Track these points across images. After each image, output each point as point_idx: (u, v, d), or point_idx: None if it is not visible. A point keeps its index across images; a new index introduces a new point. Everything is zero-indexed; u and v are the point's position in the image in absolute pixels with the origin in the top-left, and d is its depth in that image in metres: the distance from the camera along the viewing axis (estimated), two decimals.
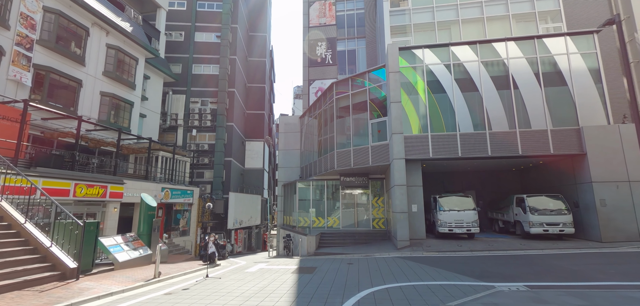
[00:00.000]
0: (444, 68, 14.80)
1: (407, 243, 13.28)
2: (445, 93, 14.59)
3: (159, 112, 23.56)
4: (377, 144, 16.22)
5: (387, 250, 13.61)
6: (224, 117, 26.88)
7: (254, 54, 35.53)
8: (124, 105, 19.00)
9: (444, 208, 14.42)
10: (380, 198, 19.95)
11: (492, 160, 16.03)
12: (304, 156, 23.63)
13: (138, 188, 16.88)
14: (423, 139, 14.36)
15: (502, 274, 8.00)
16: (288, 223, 22.70)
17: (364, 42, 27.19)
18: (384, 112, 16.31)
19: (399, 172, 13.79)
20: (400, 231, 13.30)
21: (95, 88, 17.33)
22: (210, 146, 26.56)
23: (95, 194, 14.23)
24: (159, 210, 19.43)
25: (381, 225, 19.52)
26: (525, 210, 13.73)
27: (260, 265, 10.90)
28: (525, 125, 13.83)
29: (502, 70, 14.41)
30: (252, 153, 33.13)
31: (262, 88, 34.97)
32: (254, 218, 29.96)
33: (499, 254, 11.52)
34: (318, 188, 20.94)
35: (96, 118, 17.16)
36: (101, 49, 17.84)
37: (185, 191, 20.78)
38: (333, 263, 11.10)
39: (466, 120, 14.23)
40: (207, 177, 26.43)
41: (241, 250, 27.13)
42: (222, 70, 27.60)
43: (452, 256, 11.40)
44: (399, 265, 9.98)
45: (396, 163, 13.88)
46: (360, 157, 16.75)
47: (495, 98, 14.18)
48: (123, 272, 8.94)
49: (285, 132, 24.92)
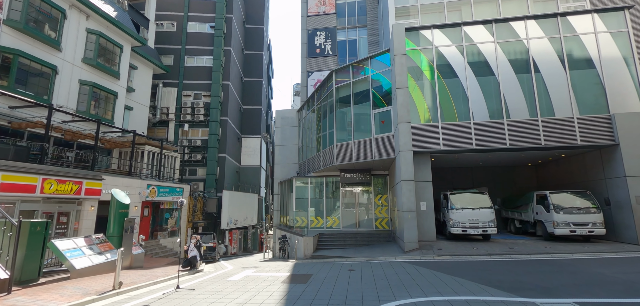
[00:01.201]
0: (455, 50, 13.29)
1: (416, 245, 11.78)
2: (457, 78, 13.08)
3: (147, 105, 22.12)
4: (381, 136, 14.72)
5: (392, 253, 12.11)
6: (217, 111, 25.43)
7: (251, 47, 34.07)
8: (107, 95, 17.56)
9: (456, 206, 12.90)
10: (384, 196, 18.48)
11: (506, 155, 14.51)
12: (302, 151, 22.16)
13: (119, 185, 15.43)
14: (432, 129, 12.86)
15: (540, 286, 6.49)
16: (285, 223, 21.23)
17: (365, 31, 25.70)
18: (388, 102, 14.82)
19: (405, 166, 12.29)
20: (407, 232, 11.81)
21: (74, 76, 15.89)
22: (203, 142, 25.12)
23: (68, 191, 12.78)
24: (144, 208, 18.03)
25: (384, 225, 18.06)
26: (548, 209, 12.20)
27: (246, 272, 9.42)
28: (548, 112, 12.31)
29: (521, 52, 12.89)
30: (249, 150, 31.66)
31: (259, 82, 33.50)
32: (250, 217, 28.50)
33: (523, 259, 10.01)
34: (317, 185, 19.46)
35: (74, 109, 15.73)
36: (80, 34, 16.40)
37: (173, 188, 19.33)
38: (332, 269, 9.62)
39: (481, 108, 12.72)
40: (200, 174, 24.99)
41: (236, 251, 25.67)
42: (216, 61, 26.14)
43: (469, 262, 9.90)
44: (409, 272, 8.49)
45: (403, 155, 12.39)
46: (362, 150, 15.25)
47: (513, 84, 12.67)
48: (78, 282, 7.50)
49: (283, 126, 23.44)
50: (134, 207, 16.38)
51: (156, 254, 16.78)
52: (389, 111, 14.74)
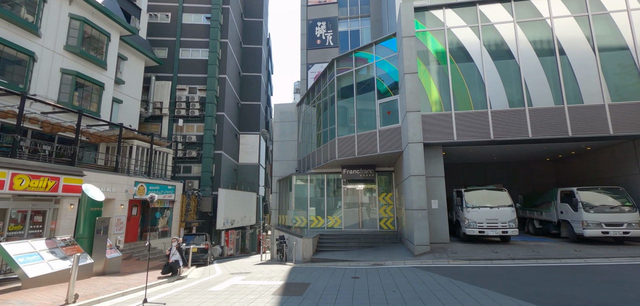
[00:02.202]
0: (470, 32, 12.00)
1: (427, 248, 10.50)
2: (473, 62, 11.79)
3: (139, 99, 20.95)
4: (387, 128, 13.46)
5: (401, 257, 10.83)
6: (213, 105, 24.22)
7: (249, 41, 32.86)
8: (92, 86, 16.39)
9: (472, 204, 11.60)
10: (388, 195, 17.21)
11: (523, 150, 13.20)
12: (301, 147, 20.92)
13: (104, 182, 14.27)
14: (445, 119, 11.57)
15: (593, 302, 5.21)
16: (283, 223, 19.99)
17: (368, 21, 24.42)
18: (394, 91, 13.55)
19: (415, 159, 11.01)
20: (418, 234, 10.53)
21: (54, 64, 14.72)
22: (198, 138, 23.92)
23: (43, 187, 11.60)
24: (132, 207, 16.86)
25: (389, 225, 16.80)
26: (575, 207, 10.88)
27: (234, 280, 8.18)
28: (575, 99, 10.99)
29: (545, 33, 11.58)
30: (247, 148, 30.45)
31: (257, 77, 32.29)
32: (248, 217, 27.29)
33: (553, 265, 8.71)
34: (317, 183, 18.21)
35: (55, 99, 14.57)
36: (62, 20, 15.23)
37: (165, 186, 18.15)
38: (333, 276, 8.37)
39: (499, 94, 11.42)
40: (195, 171, 23.80)
41: (233, 252, 24.47)
42: (212, 54, 24.93)
43: (490, 268, 8.61)
44: (424, 280, 7.23)
45: (412, 148, 11.11)
46: (366, 144, 13.99)
47: (536, 68, 11.36)
48: (27, 294, 6.31)
49: (281, 121, 22.23)
50: (120, 205, 15.22)
51: (144, 256, 15.60)
52: (395, 100, 13.47)
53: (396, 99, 13.42)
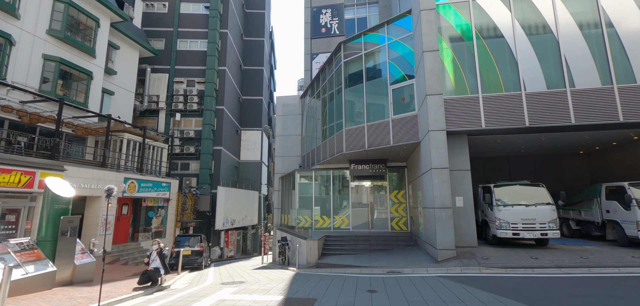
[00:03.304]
0: (499, 3, 10.42)
1: (452, 252, 8.96)
2: (503, 38, 10.22)
3: (132, 91, 19.67)
4: (401, 117, 11.95)
5: (421, 263, 9.32)
6: (212, 98, 22.88)
7: (251, 33, 31.51)
8: (79, 74, 15.11)
9: (504, 202, 10.00)
10: (400, 192, 15.72)
11: (559, 139, 11.56)
12: (305, 142, 19.47)
13: (88, 178, 12.98)
14: (471, 103, 10.01)
15: None
16: (286, 223, 18.56)
17: (376, 8, 22.88)
18: (409, 74, 12.03)
19: (437, 150, 9.48)
20: (441, 236, 9.00)
21: (35, 49, 13.46)
22: (196, 133, 22.60)
23: (15, 183, 10.33)
24: (123, 205, 15.57)
25: (402, 225, 15.32)
26: (628, 205, 9.24)
27: (223, 294, 6.73)
28: (626, 78, 9.36)
29: (587, 3, 9.95)
30: (249, 144, 29.09)
31: (260, 71, 30.92)
32: (250, 217, 25.92)
33: (612, 275, 7.12)
34: (322, 179, 16.75)
35: (37, 88, 13.31)
36: (45, 1, 13.98)
37: (158, 183, 16.83)
38: (344, 288, 6.89)
39: (535, 74, 9.83)
40: (193, 169, 22.48)
41: (233, 254, 23.11)
42: (211, 44, 23.60)
43: (537, 279, 7.06)
44: (459, 296, 5.72)
45: (433, 137, 9.58)
46: (378, 135, 12.49)
47: (578, 43, 9.75)
48: None
49: (284, 114, 20.82)
50: (107, 203, 13.89)
51: (134, 259, 14.29)
52: (411, 85, 11.94)
53: (412, 84, 11.89)
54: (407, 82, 12.13)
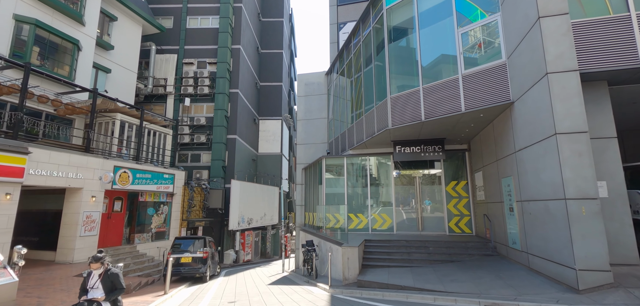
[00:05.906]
0: None
1: (608, 276, 5.15)
2: None
3: (134, 71, 17.13)
4: (478, 70, 8.23)
5: (538, 290, 5.58)
6: (226, 80, 20.01)
7: (269, 14, 28.53)
8: (62, 43, 12.57)
9: None
10: (461, 183, 12.08)
11: None
12: (333, 125, 16.07)
13: (65, 164, 10.30)
14: (615, 27, 6.11)
15: None
16: (311, 222, 15.23)
17: None
18: (489, 8, 8.27)
19: (565, 103, 5.71)
20: (583, 247, 5.22)
21: (4, 8, 10.99)
22: (208, 120, 19.82)
23: None
24: (115, 200, 12.89)
25: (464, 226, 11.70)
26: None
27: None
28: None
29: None
30: (268, 135, 26.09)
31: (279, 54, 27.87)
32: (270, 215, 22.86)
33: None
34: (356, 168, 13.30)
35: (7, 54, 10.82)
36: None
37: (159, 174, 14.05)
38: None
39: None
40: (204, 160, 19.71)
41: (250, 258, 20.11)
42: (223, 20, 20.76)
43: None
44: None
45: (558, 82, 5.80)
46: (440, 100, 8.84)
47: None
48: None
49: (307, 95, 17.54)
50: (91, 198, 11.22)
51: (126, 267, 11.48)
52: (494, 22, 8.18)
53: (495, 19, 8.11)
54: (486, 19, 8.37)
